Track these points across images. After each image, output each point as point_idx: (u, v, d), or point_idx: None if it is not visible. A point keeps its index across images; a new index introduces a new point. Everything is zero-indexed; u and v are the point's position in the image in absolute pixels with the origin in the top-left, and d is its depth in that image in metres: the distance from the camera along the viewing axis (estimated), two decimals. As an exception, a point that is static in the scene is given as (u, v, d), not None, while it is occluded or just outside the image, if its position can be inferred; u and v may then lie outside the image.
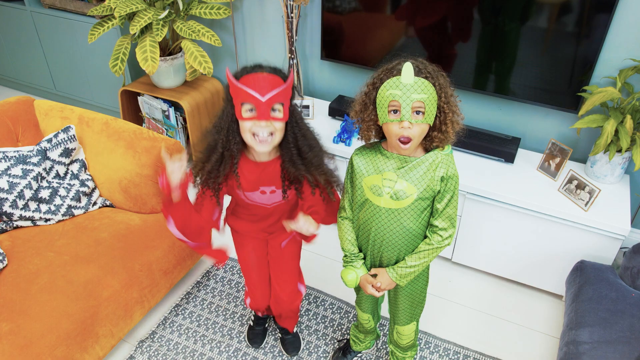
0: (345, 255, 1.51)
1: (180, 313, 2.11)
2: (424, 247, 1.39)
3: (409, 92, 1.20)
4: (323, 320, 2.09)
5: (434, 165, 1.31)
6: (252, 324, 2.00)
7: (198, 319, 2.09)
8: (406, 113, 1.22)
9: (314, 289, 2.23)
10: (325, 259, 2.41)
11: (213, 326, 2.05)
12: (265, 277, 1.77)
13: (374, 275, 1.47)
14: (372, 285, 1.46)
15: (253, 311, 1.98)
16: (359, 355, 1.95)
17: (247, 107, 1.27)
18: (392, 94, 1.22)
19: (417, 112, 1.22)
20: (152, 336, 2.01)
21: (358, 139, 1.39)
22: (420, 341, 2.01)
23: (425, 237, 1.41)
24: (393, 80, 1.22)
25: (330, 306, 2.16)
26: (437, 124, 1.27)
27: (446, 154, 1.32)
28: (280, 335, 1.99)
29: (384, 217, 1.37)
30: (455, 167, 1.33)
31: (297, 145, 1.37)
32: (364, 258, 1.50)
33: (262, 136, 1.30)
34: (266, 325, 2.02)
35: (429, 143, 1.32)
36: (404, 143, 1.26)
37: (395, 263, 1.45)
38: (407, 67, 1.20)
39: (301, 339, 1.99)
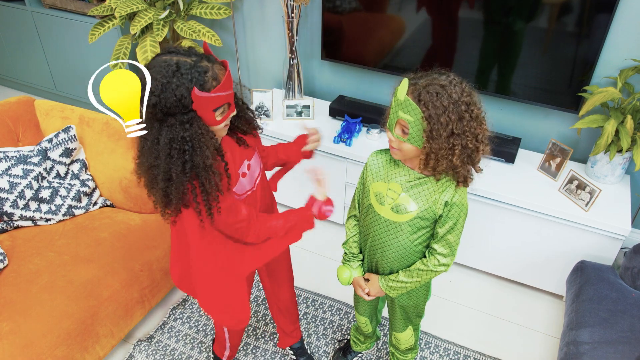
0: (345, 253, 1.52)
1: (178, 317, 2.11)
2: (419, 265, 1.36)
3: (397, 107, 1.18)
4: (322, 322, 2.09)
5: (442, 188, 1.26)
6: None
7: (197, 324, 2.08)
8: (390, 125, 1.21)
9: (312, 292, 2.23)
10: (322, 260, 2.41)
11: (212, 332, 2.05)
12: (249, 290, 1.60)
13: (367, 280, 1.47)
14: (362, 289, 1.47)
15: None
16: (359, 355, 1.95)
17: (221, 110, 1.17)
18: (391, 101, 1.22)
19: (403, 130, 1.19)
20: (150, 339, 2.01)
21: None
22: (421, 341, 2.00)
23: (424, 256, 1.38)
24: (396, 89, 1.21)
25: (330, 308, 2.16)
26: (426, 152, 1.20)
27: None
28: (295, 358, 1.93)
29: (382, 227, 1.36)
30: (464, 196, 1.27)
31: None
32: (363, 260, 1.50)
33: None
34: None
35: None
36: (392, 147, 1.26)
37: (389, 272, 1.44)
38: (402, 84, 1.17)
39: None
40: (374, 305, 1.69)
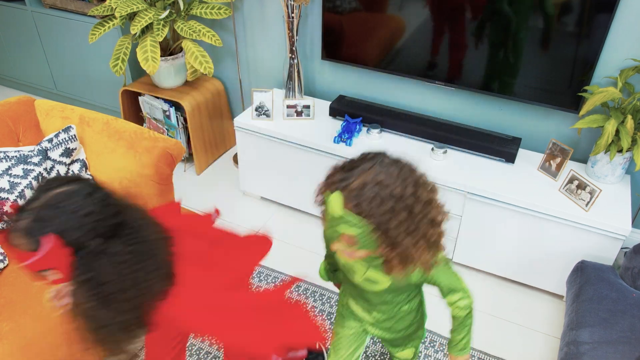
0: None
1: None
2: (456, 322, 1.29)
3: (335, 222, 1.00)
4: (329, 317, 2.09)
5: None
6: None
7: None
8: (332, 238, 1.05)
9: (312, 284, 2.24)
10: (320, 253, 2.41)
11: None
12: None
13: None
14: None
15: None
16: (362, 354, 1.91)
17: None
18: (322, 211, 1.05)
19: (349, 240, 1.02)
20: (152, 336, 2.01)
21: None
22: (425, 340, 2.01)
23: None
24: (327, 196, 1.02)
25: (328, 300, 2.16)
26: (384, 252, 1.04)
27: None
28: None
29: (362, 286, 1.27)
30: None
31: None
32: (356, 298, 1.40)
33: None
34: None
35: None
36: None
37: (384, 313, 1.36)
38: (334, 199, 0.98)
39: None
40: (360, 346, 1.49)
